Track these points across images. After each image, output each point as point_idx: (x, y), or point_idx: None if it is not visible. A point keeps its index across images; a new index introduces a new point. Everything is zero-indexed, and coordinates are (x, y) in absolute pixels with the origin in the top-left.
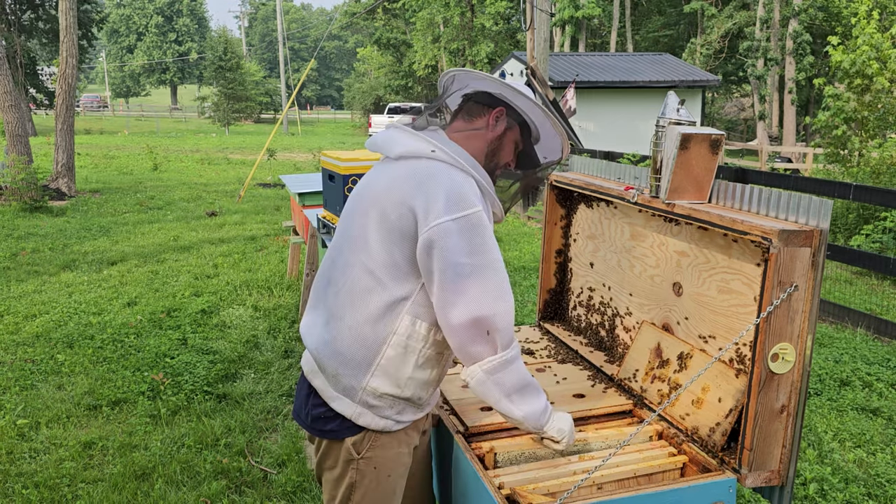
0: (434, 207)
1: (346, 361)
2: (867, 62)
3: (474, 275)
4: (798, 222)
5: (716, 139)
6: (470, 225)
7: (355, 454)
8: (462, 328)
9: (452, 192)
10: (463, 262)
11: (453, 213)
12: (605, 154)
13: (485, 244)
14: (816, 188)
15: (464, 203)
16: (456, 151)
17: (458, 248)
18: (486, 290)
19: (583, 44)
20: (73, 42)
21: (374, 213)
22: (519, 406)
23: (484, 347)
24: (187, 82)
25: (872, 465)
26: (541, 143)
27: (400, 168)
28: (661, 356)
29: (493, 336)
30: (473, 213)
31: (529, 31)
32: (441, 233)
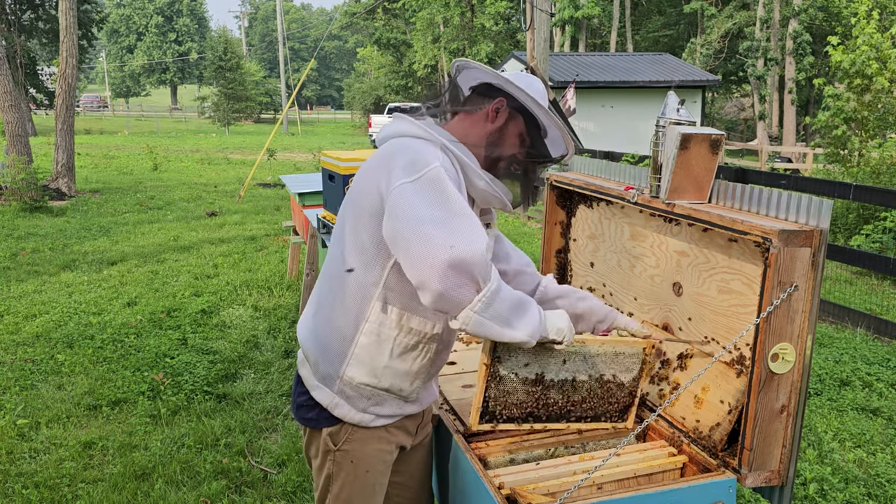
0: (393, 176)
1: (325, 349)
2: (867, 62)
3: (439, 223)
4: (798, 222)
5: (716, 139)
6: (427, 181)
7: (332, 445)
8: (438, 278)
9: (410, 157)
10: (423, 215)
11: (409, 175)
12: (605, 154)
13: (446, 196)
14: (816, 188)
15: (420, 164)
16: (437, 131)
17: (418, 203)
18: (454, 232)
19: (583, 44)
20: (73, 42)
21: (349, 202)
22: (519, 328)
23: (466, 289)
24: (187, 82)
25: (872, 465)
26: (547, 138)
27: (374, 154)
28: (661, 356)
29: (472, 273)
30: (430, 171)
31: (529, 31)
32: (398, 194)
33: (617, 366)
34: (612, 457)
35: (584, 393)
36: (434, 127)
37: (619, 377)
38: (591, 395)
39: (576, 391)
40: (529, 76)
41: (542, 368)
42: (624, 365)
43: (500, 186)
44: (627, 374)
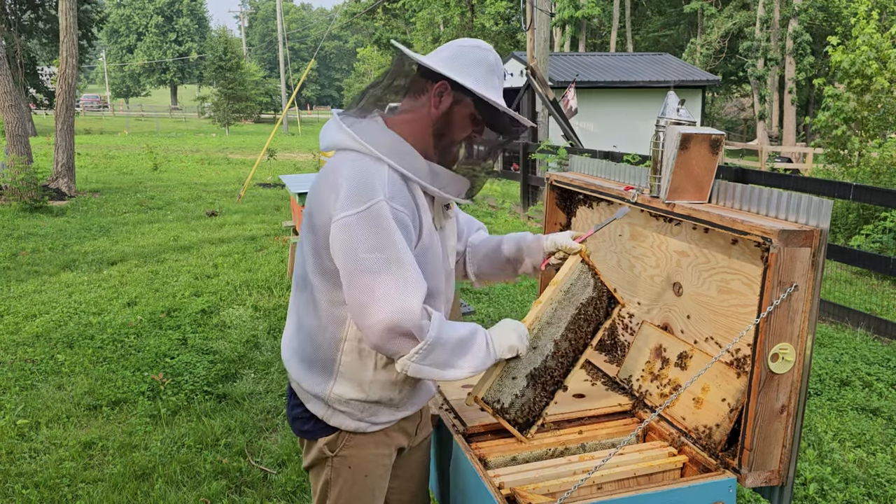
0: (336, 203)
1: (310, 370)
2: (867, 62)
3: (378, 271)
4: (798, 222)
5: (716, 139)
6: (370, 217)
7: (329, 452)
8: (377, 332)
9: (354, 183)
10: (364, 258)
11: (353, 206)
12: (605, 154)
13: (386, 238)
14: (816, 188)
15: (364, 194)
16: (377, 140)
17: (358, 243)
18: (394, 287)
19: (583, 44)
20: (73, 42)
21: (307, 219)
22: (462, 367)
23: (404, 342)
24: (187, 82)
25: (872, 465)
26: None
27: (326, 167)
28: (661, 356)
29: (408, 331)
30: (374, 205)
31: (529, 31)
32: (340, 228)
33: (576, 296)
34: (612, 457)
35: (571, 336)
36: (378, 134)
37: (585, 298)
38: (577, 329)
39: (565, 342)
40: (469, 49)
41: (528, 367)
42: (580, 288)
43: (455, 181)
44: (588, 289)
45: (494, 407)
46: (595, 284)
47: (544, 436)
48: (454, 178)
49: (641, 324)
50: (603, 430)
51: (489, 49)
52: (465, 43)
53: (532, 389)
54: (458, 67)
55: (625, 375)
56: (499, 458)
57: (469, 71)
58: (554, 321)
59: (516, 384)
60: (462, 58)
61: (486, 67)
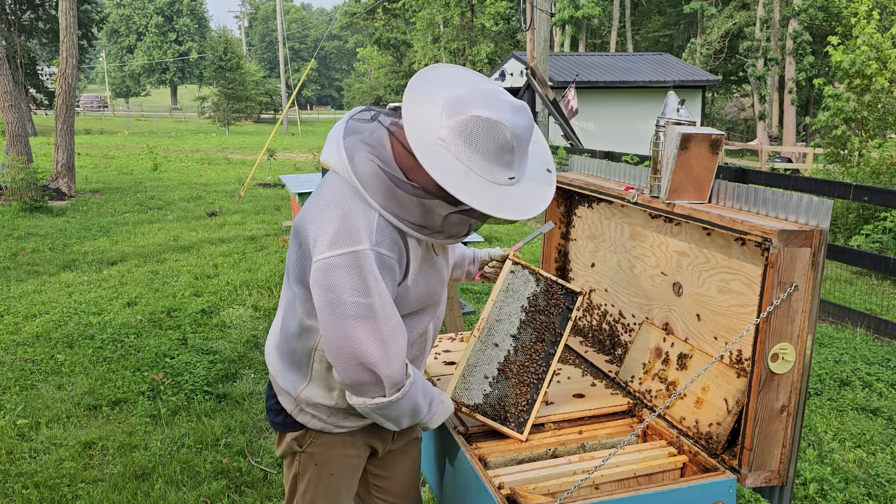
0: (322, 239)
1: (286, 368)
2: (867, 62)
3: (359, 317)
4: (798, 222)
5: (716, 139)
6: (355, 263)
7: (297, 448)
8: (350, 371)
9: (343, 225)
10: (346, 302)
11: (337, 248)
12: (605, 154)
13: (367, 285)
14: (816, 188)
15: (351, 239)
16: (373, 184)
17: (339, 287)
18: (372, 337)
19: (583, 44)
20: (73, 42)
21: (295, 232)
22: (399, 425)
23: (371, 388)
24: (187, 82)
25: (872, 465)
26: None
27: (321, 185)
28: (661, 356)
29: (381, 380)
30: (360, 251)
31: (529, 31)
32: (321, 268)
33: (519, 292)
34: (612, 457)
35: (532, 329)
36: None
37: (529, 293)
38: (537, 322)
39: (527, 336)
40: (481, 124)
41: (492, 362)
42: (520, 285)
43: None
44: (530, 284)
45: (468, 406)
46: (536, 279)
47: (544, 436)
48: (450, 224)
49: (641, 324)
50: (603, 430)
51: (507, 111)
52: (479, 109)
53: (505, 385)
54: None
55: (625, 375)
56: (499, 458)
57: (469, 157)
58: (503, 318)
59: (485, 381)
60: (470, 137)
61: (498, 147)
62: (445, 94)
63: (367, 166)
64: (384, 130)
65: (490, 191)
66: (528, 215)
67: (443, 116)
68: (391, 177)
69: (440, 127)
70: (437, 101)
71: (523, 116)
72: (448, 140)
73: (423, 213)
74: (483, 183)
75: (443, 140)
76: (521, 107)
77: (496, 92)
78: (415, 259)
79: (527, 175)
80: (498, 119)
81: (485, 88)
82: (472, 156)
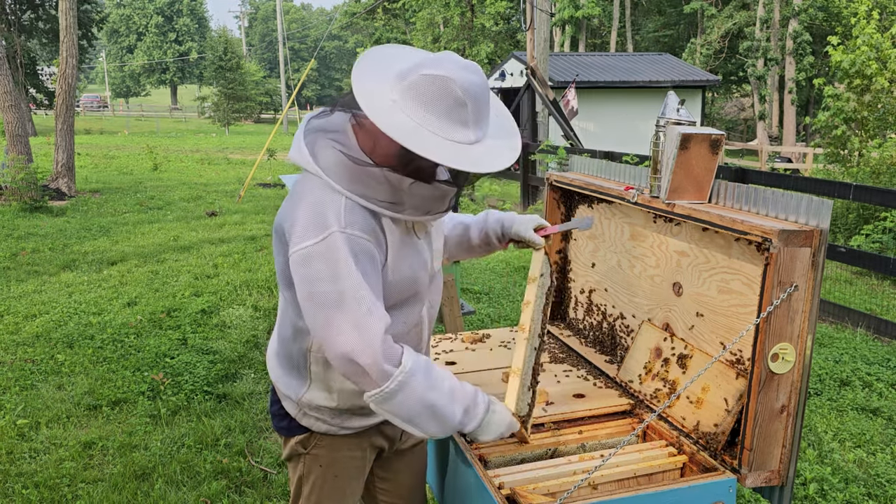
0: (294, 232)
1: (286, 374)
2: (867, 62)
3: (333, 305)
4: (798, 222)
5: (716, 139)
6: (324, 249)
7: (302, 450)
8: (338, 364)
9: (309, 214)
10: (319, 292)
11: (308, 238)
12: (605, 154)
13: (341, 270)
14: (816, 188)
15: (319, 226)
16: (335, 169)
17: (313, 276)
18: (347, 324)
19: (583, 44)
20: (73, 42)
21: (275, 230)
22: (423, 428)
23: (364, 380)
24: (187, 82)
25: (872, 465)
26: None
27: (295, 183)
28: (661, 356)
29: (367, 371)
30: (328, 237)
31: (529, 31)
32: (296, 260)
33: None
34: (612, 457)
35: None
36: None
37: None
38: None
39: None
40: (430, 80)
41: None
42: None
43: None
44: (548, 278)
45: (522, 419)
46: (551, 273)
47: (544, 436)
48: (420, 198)
49: (641, 324)
50: (603, 430)
51: (455, 68)
52: (428, 69)
53: (533, 390)
54: (414, 127)
55: (625, 375)
56: (499, 458)
57: (423, 116)
58: (536, 317)
59: (530, 391)
60: (421, 95)
61: (450, 103)
62: (397, 65)
63: (328, 153)
64: (343, 117)
65: (443, 145)
66: (484, 170)
67: (395, 82)
68: (353, 158)
69: (392, 90)
70: (389, 72)
71: (474, 73)
72: (400, 101)
73: (391, 190)
74: (436, 138)
75: (395, 101)
76: (470, 65)
77: (446, 54)
78: (393, 241)
79: (490, 138)
80: (446, 75)
81: (434, 54)
82: (425, 115)
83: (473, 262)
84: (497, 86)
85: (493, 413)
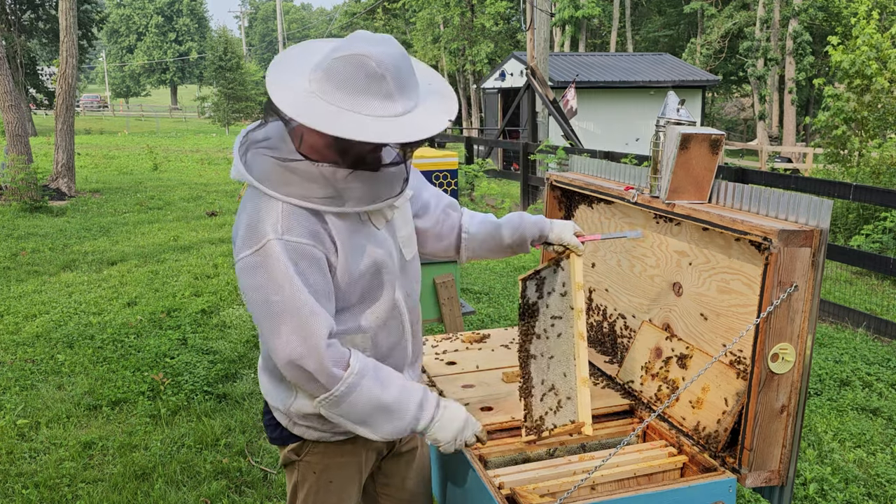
0: (235, 244)
1: (274, 386)
2: (867, 62)
3: (275, 314)
4: (798, 222)
5: (716, 139)
6: (262, 259)
7: (296, 457)
8: (286, 371)
9: (247, 225)
10: (260, 300)
11: (245, 249)
12: (605, 154)
13: (278, 279)
14: (816, 188)
15: (256, 236)
16: (267, 175)
17: (254, 285)
18: (290, 331)
19: (583, 44)
20: (73, 42)
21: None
22: (376, 430)
23: (312, 385)
24: (187, 82)
25: (872, 465)
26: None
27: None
28: (661, 356)
29: (315, 375)
30: (264, 245)
31: (529, 31)
32: (239, 271)
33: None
34: (612, 457)
35: None
36: (266, 167)
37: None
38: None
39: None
40: (345, 59)
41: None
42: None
43: (364, 190)
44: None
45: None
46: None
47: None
48: (361, 187)
49: (641, 324)
50: (603, 430)
51: (367, 43)
52: (339, 51)
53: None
54: (325, 108)
55: (625, 375)
56: (499, 458)
57: (342, 98)
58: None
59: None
60: (336, 78)
61: (367, 78)
62: (312, 59)
63: (260, 161)
64: (280, 125)
65: (367, 122)
66: (415, 137)
67: (311, 73)
68: (284, 160)
69: (309, 82)
70: (305, 66)
71: (388, 45)
72: (317, 89)
73: (327, 184)
74: (358, 117)
75: (312, 92)
76: (384, 38)
77: (357, 33)
78: (342, 238)
79: (423, 106)
80: (358, 52)
81: (346, 37)
82: (343, 96)
83: (473, 262)
84: (497, 86)
85: (445, 409)
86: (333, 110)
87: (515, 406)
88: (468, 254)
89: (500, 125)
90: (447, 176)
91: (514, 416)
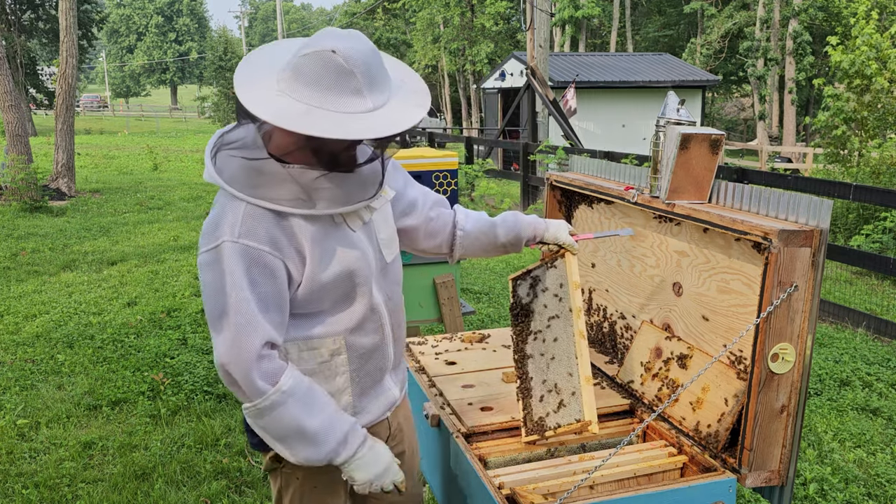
0: (200, 237)
1: None
2: (866, 62)
3: (217, 315)
4: (798, 222)
5: (716, 139)
6: (213, 259)
7: (277, 463)
8: (218, 372)
9: (209, 224)
10: (208, 299)
11: (204, 245)
12: (605, 154)
13: (224, 282)
14: (816, 188)
15: (214, 234)
16: (234, 176)
17: (204, 283)
18: (226, 335)
19: (583, 44)
20: (73, 42)
21: None
22: (293, 451)
23: (238, 392)
24: (187, 82)
25: (872, 465)
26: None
27: None
28: (661, 356)
29: (239, 384)
30: (218, 246)
31: (529, 31)
32: (198, 266)
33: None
34: (612, 457)
35: None
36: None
37: None
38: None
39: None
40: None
41: None
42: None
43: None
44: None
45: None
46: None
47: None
48: (332, 189)
49: (641, 324)
50: (603, 430)
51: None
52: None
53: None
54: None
55: (625, 375)
56: (499, 458)
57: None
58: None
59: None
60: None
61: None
62: (280, 58)
63: (229, 162)
64: (247, 127)
65: (336, 119)
66: (384, 133)
67: (279, 73)
68: (253, 161)
69: (278, 81)
70: (273, 66)
71: (356, 40)
72: (285, 88)
73: (296, 186)
74: (328, 114)
75: (281, 91)
76: (352, 33)
77: (325, 30)
78: (309, 242)
79: (395, 100)
80: (326, 48)
81: (311, 37)
82: (311, 93)
83: (473, 262)
84: (497, 86)
85: (369, 449)
86: (303, 108)
87: (515, 406)
88: (461, 251)
89: (500, 125)
90: (447, 176)
91: (514, 416)
